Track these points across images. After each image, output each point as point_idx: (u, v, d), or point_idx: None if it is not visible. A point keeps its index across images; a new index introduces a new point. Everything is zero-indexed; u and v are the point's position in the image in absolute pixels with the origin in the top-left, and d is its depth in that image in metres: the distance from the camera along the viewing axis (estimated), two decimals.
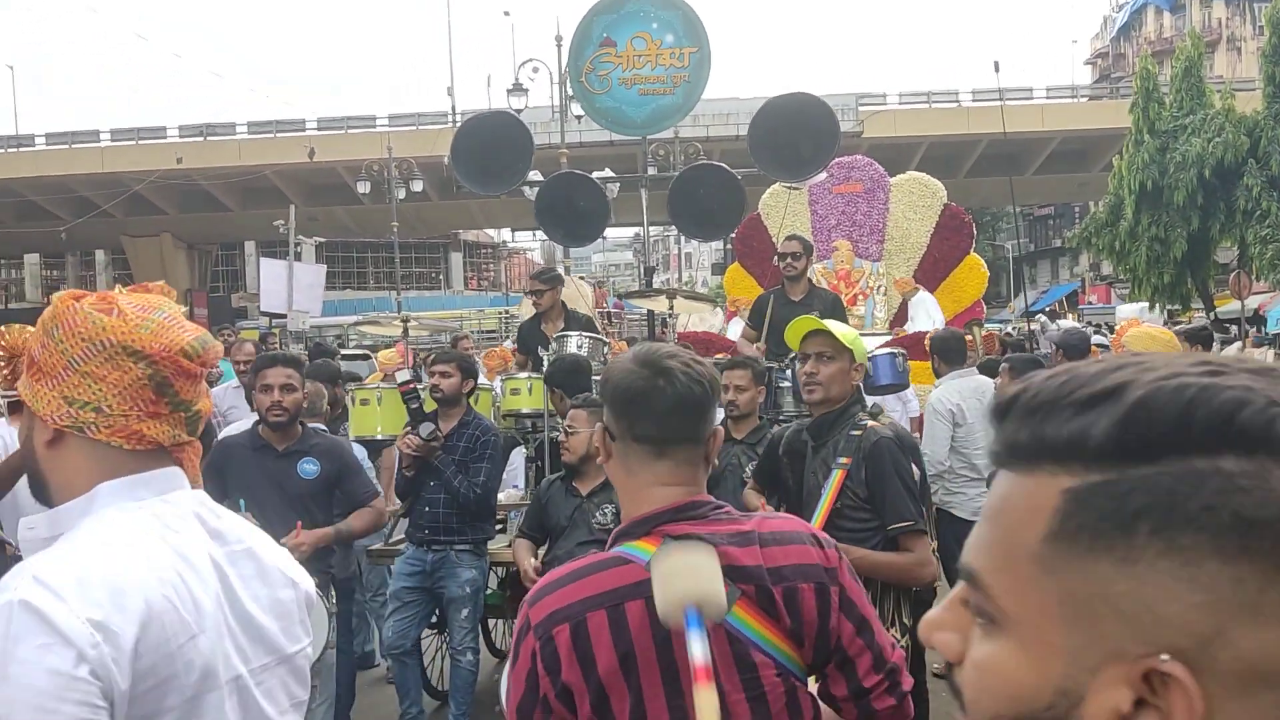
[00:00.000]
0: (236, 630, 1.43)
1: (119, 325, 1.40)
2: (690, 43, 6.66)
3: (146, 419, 1.41)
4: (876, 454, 3.18)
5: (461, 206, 39.44)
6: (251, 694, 1.44)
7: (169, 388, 1.42)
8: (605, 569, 1.66)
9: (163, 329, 1.43)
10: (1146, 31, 49.35)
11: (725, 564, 1.61)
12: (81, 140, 38.20)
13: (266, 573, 1.51)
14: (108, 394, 1.39)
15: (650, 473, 1.71)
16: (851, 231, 13.03)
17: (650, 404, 1.70)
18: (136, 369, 1.40)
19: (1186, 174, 21.34)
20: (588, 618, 1.61)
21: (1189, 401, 0.57)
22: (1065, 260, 50.08)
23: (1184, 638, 0.55)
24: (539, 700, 1.63)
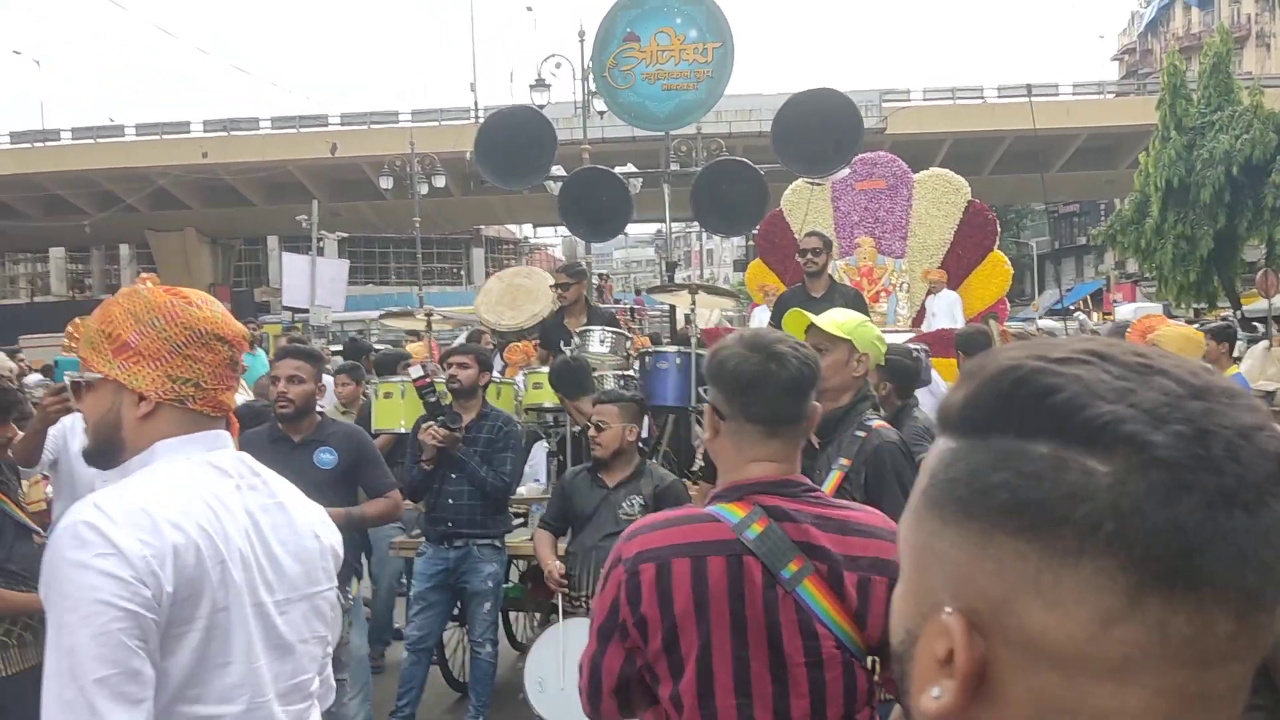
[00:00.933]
0: (265, 565, 1.67)
1: (209, 316, 1.71)
2: (714, 38, 6.65)
3: (226, 391, 1.74)
4: (878, 459, 3.06)
5: (483, 202, 39.55)
6: (273, 620, 1.67)
7: (238, 365, 1.77)
8: (696, 522, 1.82)
9: (229, 319, 1.76)
10: (1174, 27, 48.85)
11: (803, 541, 1.76)
12: (106, 135, 38.57)
13: (294, 523, 1.75)
14: (204, 372, 1.70)
15: (759, 449, 1.84)
16: (874, 228, 12.95)
17: (764, 387, 1.83)
18: (224, 351, 1.72)
19: (1214, 171, 21.14)
20: (672, 562, 1.76)
21: (1013, 383, 0.59)
22: (1090, 258, 49.70)
23: (979, 600, 0.59)
24: (618, 625, 1.78)
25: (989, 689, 0.59)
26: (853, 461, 3.08)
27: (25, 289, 51.98)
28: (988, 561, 0.58)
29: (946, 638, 0.59)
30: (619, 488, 4.37)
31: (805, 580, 1.75)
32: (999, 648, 0.58)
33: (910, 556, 0.65)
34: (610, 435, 4.31)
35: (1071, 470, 0.56)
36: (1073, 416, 0.57)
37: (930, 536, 0.62)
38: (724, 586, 1.74)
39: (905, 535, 0.66)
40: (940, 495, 0.62)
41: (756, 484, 1.81)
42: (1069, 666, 0.56)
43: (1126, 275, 41.54)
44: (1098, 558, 0.55)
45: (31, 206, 39.71)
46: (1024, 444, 0.58)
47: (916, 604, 0.64)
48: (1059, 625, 0.56)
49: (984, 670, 0.58)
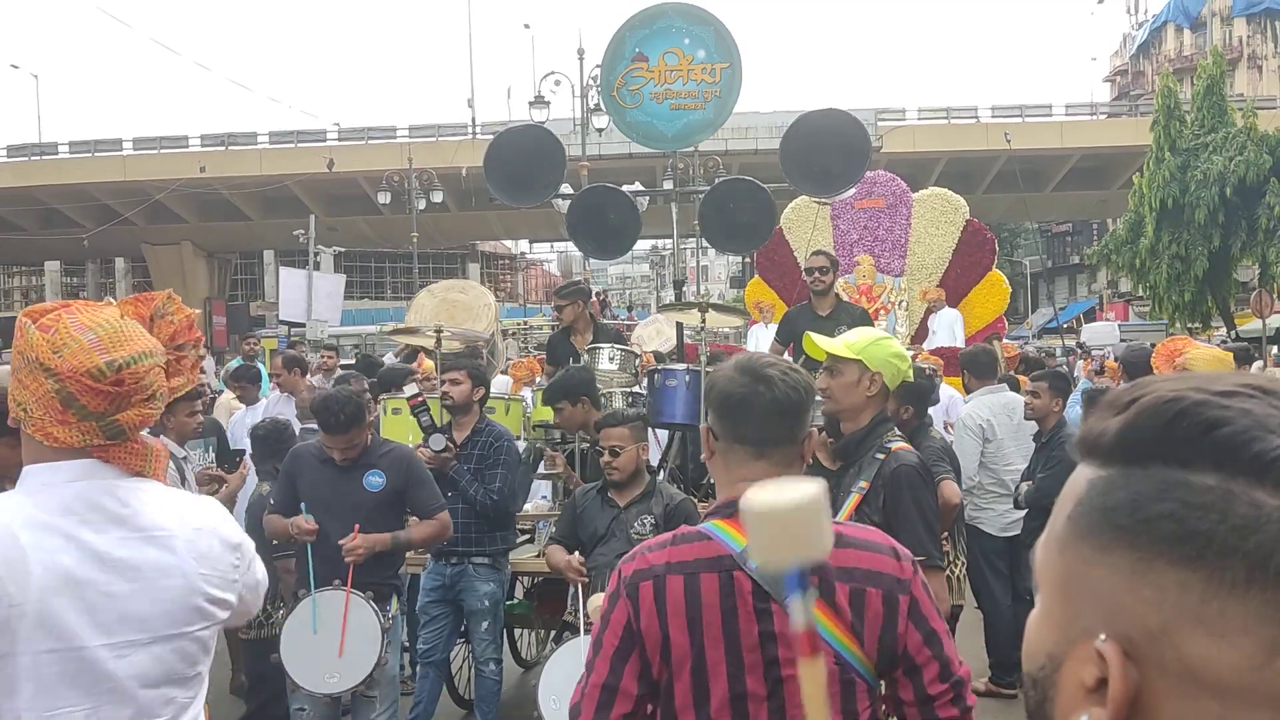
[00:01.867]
0: (98, 606, 1.62)
1: (41, 343, 1.63)
2: (722, 58, 6.71)
3: (56, 424, 1.64)
4: (896, 481, 3.03)
5: (480, 218, 39.61)
6: (100, 664, 1.62)
7: (74, 401, 1.63)
8: (690, 541, 1.85)
9: (79, 351, 1.62)
10: (1166, 49, 49.24)
11: None
12: (104, 149, 38.56)
13: (160, 562, 1.68)
14: (29, 400, 1.65)
15: (748, 470, 1.84)
16: (873, 246, 13.05)
17: (751, 409, 1.86)
18: (47, 383, 1.63)
19: (1208, 192, 21.28)
20: (667, 579, 1.80)
21: (1176, 415, 0.60)
22: (1083, 277, 49.93)
23: (1135, 629, 0.59)
24: (634, 645, 1.79)
25: (1141, 717, 0.59)
26: (871, 484, 3.06)
27: (20, 302, 51.84)
28: (1147, 589, 0.59)
29: (1097, 665, 0.60)
30: (630, 507, 4.36)
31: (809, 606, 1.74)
32: (1154, 677, 0.58)
33: (1053, 582, 0.65)
34: (626, 458, 4.31)
35: (1240, 502, 0.57)
36: (1242, 450, 0.58)
37: (1081, 563, 0.63)
38: (716, 601, 1.76)
39: (1046, 560, 0.67)
40: (1095, 523, 0.62)
41: None
42: (1229, 697, 0.57)
43: (1119, 294, 41.75)
44: (1267, 589, 0.56)
45: (27, 220, 39.65)
46: (1189, 475, 0.59)
47: (1062, 630, 0.64)
48: (1222, 655, 0.57)
49: (1137, 699, 0.59)
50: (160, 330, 1.79)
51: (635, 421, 4.45)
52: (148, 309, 1.80)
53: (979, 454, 5.85)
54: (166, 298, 1.84)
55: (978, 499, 5.84)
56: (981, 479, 5.83)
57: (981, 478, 5.84)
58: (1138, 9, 54.24)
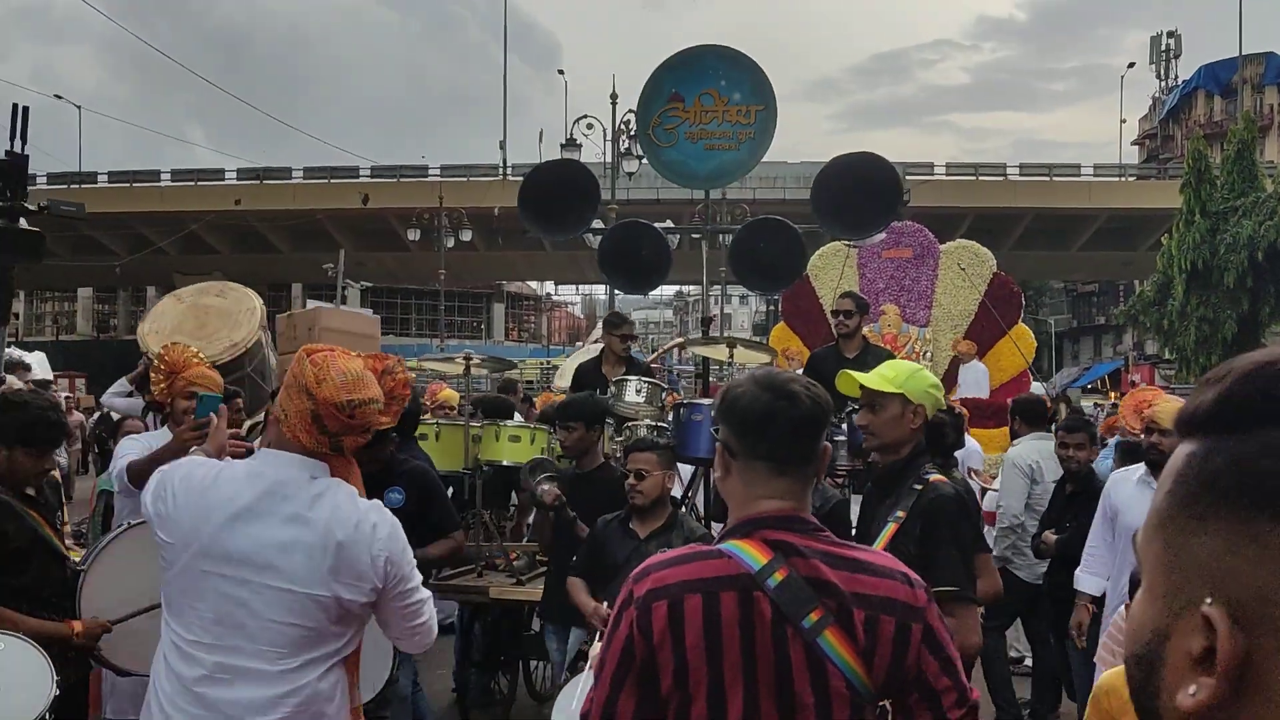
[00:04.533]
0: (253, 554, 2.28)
1: (310, 374, 2.30)
2: (757, 101, 6.80)
3: (303, 432, 2.33)
4: (933, 512, 3.01)
5: (506, 258, 39.96)
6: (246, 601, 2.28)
7: (320, 421, 2.30)
8: (706, 559, 1.79)
9: (333, 387, 2.29)
10: (1196, 114, 49.34)
11: (812, 576, 1.75)
12: (142, 180, 39.28)
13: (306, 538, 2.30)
14: (291, 410, 2.33)
15: (767, 488, 1.82)
16: (899, 296, 13.06)
17: (774, 425, 1.82)
18: (306, 403, 2.30)
19: (1237, 256, 21.23)
20: (685, 598, 1.74)
21: (1274, 376, 0.61)
22: (1109, 338, 49.66)
23: (1242, 591, 0.58)
24: (633, 666, 1.76)
25: (1252, 682, 0.58)
26: (908, 514, 3.03)
27: (50, 327, 52.53)
28: (1252, 549, 0.58)
29: (1204, 633, 0.59)
30: (650, 539, 4.33)
31: (825, 631, 1.73)
32: (1264, 637, 0.58)
33: (1155, 559, 0.65)
34: (651, 483, 4.29)
35: None
36: None
37: (1181, 535, 0.63)
38: (735, 622, 1.72)
39: (1146, 539, 0.66)
40: (1194, 491, 0.62)
41: (764, 518, 1.80)
42: None
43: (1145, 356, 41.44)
44: None
45: (61, 246, 40.31)
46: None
47: (1166, 603, 0.63)
48: None
49: (1247, 663, 0.58)
50: (385, 384, 2.44)
51: (664, 449, 4.44)
52: (381, 365, 2.48)
53: (1026, 494, 5.87)
54: (396, 361, 2.56)
55: (1020, 540, 5.85)
56: (1026, 520, 5.84)
57: (1026, 519, 5.85)
58: (1167, 74, 54.48)
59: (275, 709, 2.29)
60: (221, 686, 2.28)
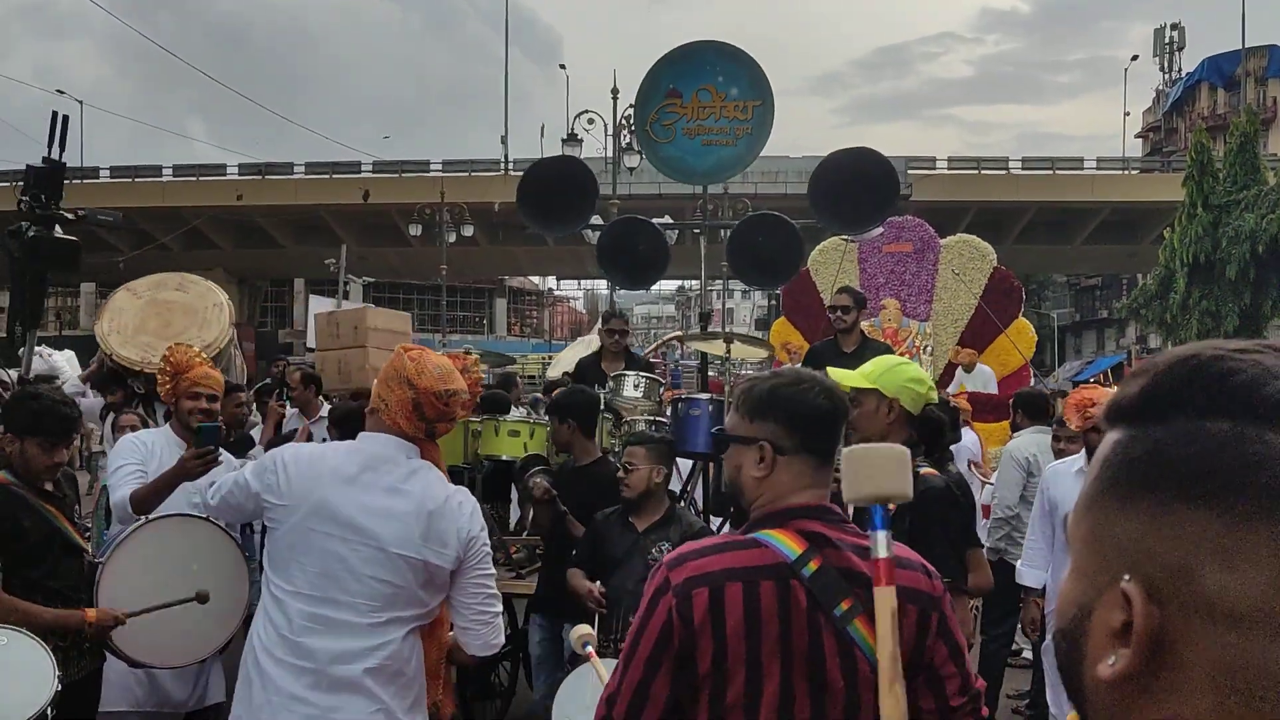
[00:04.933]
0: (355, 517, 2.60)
1: (410, 367, 2.62)
2: (754, 96, 6.81)
3: (404, 419, 2.64)
4: (922, 504, 2.97)
5: (508, 253, 39.97)
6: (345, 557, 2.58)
7: (420, 408, 2.63)
8: (744, 548, 1.86)
9: (432, 379, 2.60)
10: (1200, 107, 49.23)
11: (845, 567, 1.83)
12: (144, 175, 39.30)
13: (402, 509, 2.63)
14: (391, 399, 2.65)
15: (812, 479, 1.94)
16: (900, 290, 13.08)
17: (831, 424, 1.97)
18: (408, 393, 2.62)
19: (1240, 249, 21.22)
20: (726, 586, 1.80)
21: (1193, 369, 0.65)
22: (1112, 331, 49.60)
23: (1157, 569, 0.63)
24: (669, 651, 1.80)
25: (1166, 654, 0.62)
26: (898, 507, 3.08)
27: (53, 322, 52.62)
28: (1167, 530, 0.63)
29: (1123, 608, 0.63)
30: (649, 532, 4.37)
31: (855, 620, 1.81)
32: (1175, 614, 0.62)
33: (1082, 538, 0.69)
34: (638, 476, 4.33)
35: (1251, 442, 0.61)
36: (1253, 394, 0.62)
37: (1106, 516, 0.67)
38: (774, 609, 1.79)
39: (1074, 525, 0.71)
40: (1118, 476, 0.67)
41: (797, 509, 1.88)
42: (1246, 626, 0.60)
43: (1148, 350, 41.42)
44: (1276, 521, 0.59)
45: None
46: (1204, 422, 0.63)
47: (1090, 580, 0.67)
48: (1239, 586, 0.60)
49: (1161, 635, 0.62)
50: (465, 380, 2.74)
51: (656, 444, 4.47)
52: (461, 364, 2.78)
53: (1021, 486, 5.90)
54: (475, 360, 2.89)
55: (1015, 532, 5.89)
56: (1021, 512, 5.89)
57: (1021, 510, 5.89)
58: (1171, 67, 54.35)
59: (361, 660, 2.56)
60: (315, 636, 2.55)
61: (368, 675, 2.58)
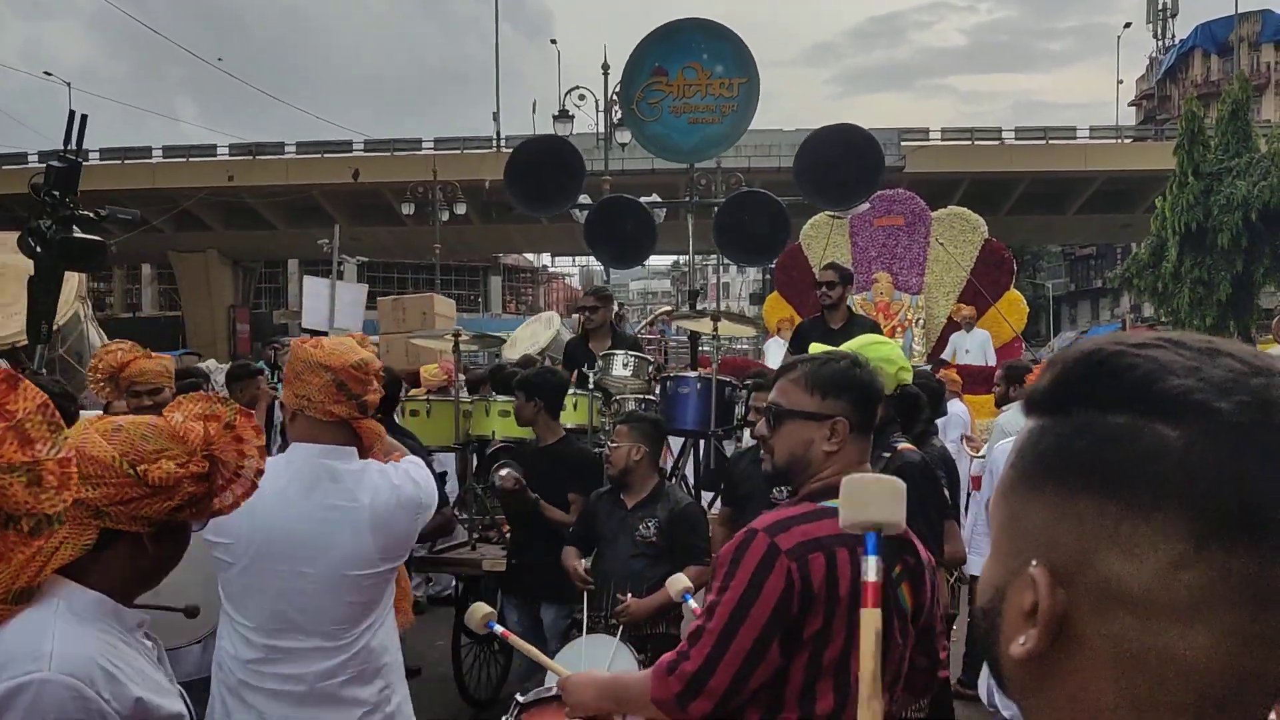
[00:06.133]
0: (304, 546, 2.46)
1: (316, 352, 2.52)
2: (740, 73, 6.81)
3: (333, 403, 2.51)
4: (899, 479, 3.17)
5: (502, 230, 39.85)
6: (303, 590, 2.46)
7: (344, 386, 2.51)
8: (833, 517, 1.88)
9: (342, 354, 2.53)
10: (1193, 74, 49.04)
11: (896, 536, 1.89)
12: (134, 156, 39.06)
13: (350, 522, 2.51)
14: (312, 390, 2.52)
15: (866, 453, 2.11)
16: (892, 264, 13.10)
17: (879, 404, 2.16)
18: (326, 376, 2.50)
19: (1231, 217, 21.23)
20: (837, 551, 1.89)
21: (1095, 364, 0.68)
22: (1106, 301, 49.64)
23: (1062, 554, 0.67)
24: (790, 613, 1.84)
25: (1070, 634, 0.66)
26: None
27: None
28: (1070, 518, 0.67)
29: (1032, 590, 0.67)
30: (637, 509, 4.43)
31: (902, 584, 1.98)
32: (1079, 597, 0.66)
33: (1000, 526, 0.73)
34: (619, 454, 4.40)
35: (1146, 435, 0.64)
36: (1148, 388, 0.65)
37: (1020, 503, 0.71)
38: (852, 572, 1.89)
39: (994, 508, 0.75)
40: (1029, 466, 0.70)
41: None
42: (1142, 610, 0.64)
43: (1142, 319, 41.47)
44: (1168, 510, 0.63)
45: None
46: (1104, 415, 0.66)
47: (1005, 564, 0.71)
48: (1134, 571, 0.64)
49: (1066, 617, 0.66)
50: None
51: (640, 422, 4.52)
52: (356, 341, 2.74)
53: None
54: (361, 339, 2.79)
55: None
56: None
57: None
58: (1164, 33, 54.06)
59: (337, 674, 2.52)
60: (286, 664, 2.49)
61: (346, 686, 2.54)
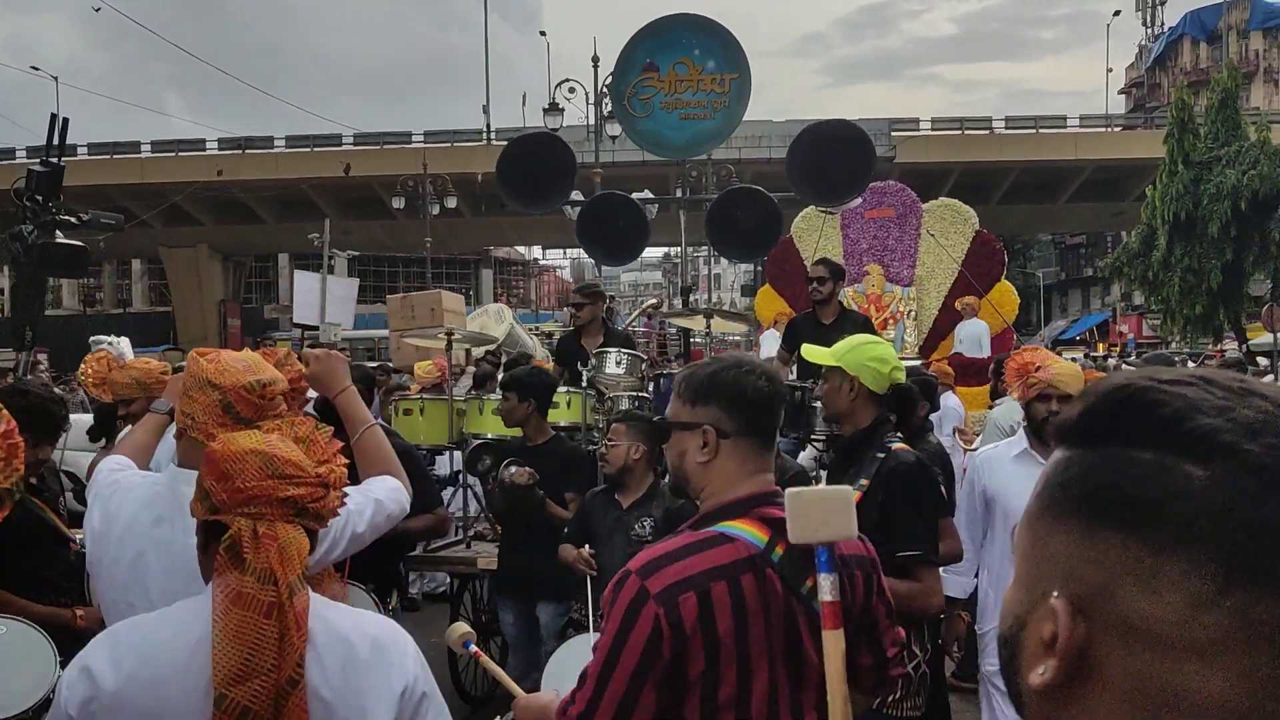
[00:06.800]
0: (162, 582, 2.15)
1: (208, 368, 2.22)
2: (731, 69, 6.81)
3: (216, 426, 2.15)
4: (894, 479, 3.11)
5: (494, 223, 39.77)
6: None
7: (232, 408, 2.19)
8: (715, 546, 1.85)
9: (236, 372, 2.22)
10: (1182, 62, 49.12)
11: (806, 546, 1.84)
12: (122, 151, 38.87)
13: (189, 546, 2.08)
14: (197, 410, 2.21)
15: (756, 464, 1.95)
16: (883, 256, 13.09)
17: (772, 406, 1.99)
18: (213, 395, 2.20)
19: (1221, 205, 21.29)
20: (711, 587, 1.79)
21: (1124, 399, 0.68)
22: (1097, 289, 49.77)
23: (1084, 587, 0.67)
24: (658, 662, 1.76)
25: (1089, 667, 0.66)
26: (871, 482, 3.13)
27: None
28: (1093, 551, 0.67)
29: (1052, 621, 0.67)
30: (632, 508, 4.43)
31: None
32: (1099, 630, 0.66)
33: (1023, 552, 0.73)
34: (616, 452, 4.39)
35: (1173, 473, 0.64)
36: (1177, 427, 0.65)
37: (1043, 533, 0.71)
38: (757, 601, 1.81)
39: (1019, 537, 0.75)
40: (1055, 497, 0.71)
41: (755, 497, 1.90)
42: (1161, 647, 0.63)
43: (1133, 307, 41.62)
44: (1192, 549, 0.63)
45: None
46: (1132, 451, 0.67)
47: (1027, 593, 0.71)
48: (1155, 609, 0.64)
49: (1085, 650, 0.66)
50: (284, 373, 2.40)
51: (636, 421, 4.52)
52: (273, 359, 2.48)
53: None
54: (286, 353, 2.58)
55: None
56: None
57: None
58: (1153, 21, 54.14)
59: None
60: None
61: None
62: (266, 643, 1.61)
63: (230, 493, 1.70)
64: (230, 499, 1.70)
